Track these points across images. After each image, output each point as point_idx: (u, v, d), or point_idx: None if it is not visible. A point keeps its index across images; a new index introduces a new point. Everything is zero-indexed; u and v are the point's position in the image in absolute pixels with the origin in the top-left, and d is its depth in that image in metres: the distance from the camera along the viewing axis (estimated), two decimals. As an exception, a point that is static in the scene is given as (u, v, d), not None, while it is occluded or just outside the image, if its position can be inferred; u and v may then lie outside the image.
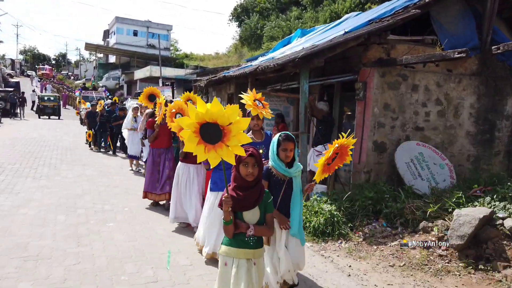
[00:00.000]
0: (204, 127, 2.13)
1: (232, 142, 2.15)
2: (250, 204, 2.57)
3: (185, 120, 2.14)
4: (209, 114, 2.10)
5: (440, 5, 6.58)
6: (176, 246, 4.63)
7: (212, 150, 2.15)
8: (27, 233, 4.74)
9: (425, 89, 6.62)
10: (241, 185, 2.57)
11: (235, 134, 2.14)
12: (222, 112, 2.11)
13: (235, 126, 2.14)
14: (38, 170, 8.91)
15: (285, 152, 3.10)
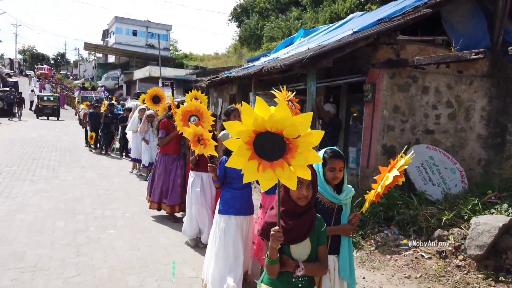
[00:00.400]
0: (261, 138, 1.63)
1: (297, 160, 1.63)
2: (300, 235, 2.03)
3: (236, 126, 1.65)
4: (272, 121, 1.59)
5: (451, 5, 6.39)
6: (181, 255, 4.42)
7: (268, 169, 1.64)
8: (24, 241, 4.53)
9: (435, 91, 6.43)
10: (290, 210, 2.02)
11: (303, 150, 1.62)
12: (291, 120, 1.58)
13: (305, 140, 1.61)
14: (36, 172, 8.69)
15: (333, 173, 2.47)
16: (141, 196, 7.20)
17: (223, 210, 3.64)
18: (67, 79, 58.55)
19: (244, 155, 1.66)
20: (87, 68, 57.46)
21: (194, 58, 43.23)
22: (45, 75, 51.17)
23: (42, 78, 48.83)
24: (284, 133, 1.62)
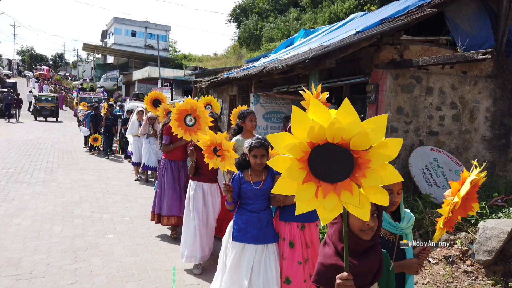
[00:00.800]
0: (319, 152, 1.24)
1: (370, 180, 1.22)
2: (367, 279, 1.58)
3: (284, 138, 1.26)
4: (335, 129, 1.20)
5: (455, 4, 6.29)
6: (181, 261, 4.29)
7: (331, 194, 1.23)
8: (20, 247, 4.41)
9: (439, 92, 6.33)
10: (353, 248, 1.54)
11: (377, 166, 1.21)
12: (361, 126, 1.19)
13: (378, 153, 1.21)
14: (33, 175, 8.57)
15: (390, 196, 1.88)
16: (140, 199, 7.09)
17: (237, 236, 3.05)
18: (65, 79, 58.35)
19: (296, 176, 1.25)
20: (86, 69, 57.28)
21: (193, 58, 43.10)
22: (44, 76, 51.02)
23: (41, 79, 48.67)
24: (351, 144, 1.21)
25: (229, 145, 3.00)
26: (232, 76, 10.34)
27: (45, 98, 25.70)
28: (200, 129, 3.56)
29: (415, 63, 5.55)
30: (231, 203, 3.06)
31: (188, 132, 3.61)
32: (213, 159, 3.04)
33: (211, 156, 3.04)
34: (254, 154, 2.97)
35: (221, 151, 3.00)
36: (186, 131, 3.61)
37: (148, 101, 7.38)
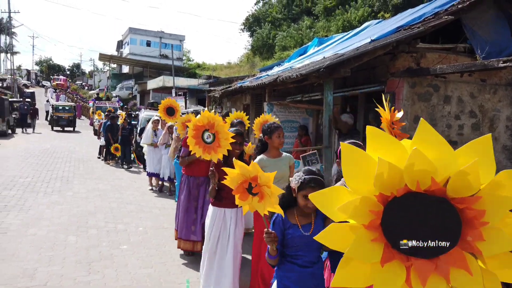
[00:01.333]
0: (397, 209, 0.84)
1: (492, 245, 0.81)
2: None
3: (339, 195, 0.87)
4: (419, 170, 0.85)
5: (473, 11, 6.17)
6: (195, 273, 4.25)
7: (434, 276, 0.79)
8: (35, 257, 4.42)
9: (458, 101, 6.18)
10: None
11: (498, 220, 0.82)
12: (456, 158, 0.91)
13: (495, 198, 0.84)
14: (50, 184, 8.67)
15: None
16: (154, 209, 7.09)
17: None
18: (82, 89, 59.48)
19: (369, 255, 0.81)
20: (102, 79, 58.32)
21: (207, 67, 43.47)
22: (61, 85, 52.07)
23: (58, 88, 49.70)
24: (448, 189, 0.81)
25: (268, 178, 2.12)
26: (246, 85, 10.34)
27: (62, 108, 25.01)
28: (220, 147, 3.16)
29: (433, 71, 5.43)
30: (275, 257, 2.25)
31: (207, 151, 3.17)
32: (247, 200, 2.18)
33: (245, 196, 2.19)
34: (305, 194, 2.19)
35: (258, 187, 2.15)
36: (204, 149, 3.16)
37: (162, 110, 7.17)
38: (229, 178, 2.23)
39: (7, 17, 41.66)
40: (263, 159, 3.60)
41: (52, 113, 25.08)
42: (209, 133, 3.17)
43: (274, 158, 3.55)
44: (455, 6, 6.10)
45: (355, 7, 25.74)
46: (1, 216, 5.94)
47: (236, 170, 2.19)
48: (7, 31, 43.90)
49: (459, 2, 6.13)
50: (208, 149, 3.17)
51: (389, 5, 22.65)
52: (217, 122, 3.17)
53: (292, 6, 34.80)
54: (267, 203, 2.13)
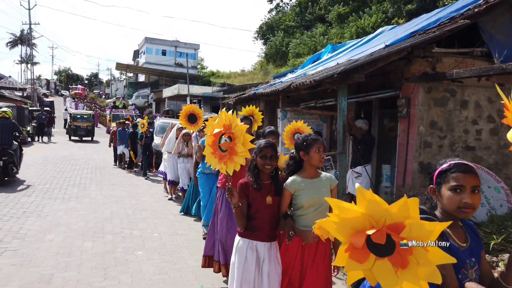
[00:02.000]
0: None
1: None
2: None
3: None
4: None
5: (490, 15, 6.07)
6: (209, 279, 4.24)
7: None
8: (52, 263, 4.49)
9: (475, 105, 6.07)
10: None
11: None
12: None
13: None
14: (67, 191, 8.82)
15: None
16: (169, 215, 7.13)
17: None
18: (99, 98, 60.60)
19: None
20: (119, 87, 59.34)
21: (221, 75, 43.83)
22: (79, 94, 53.15)
23: (76, 97, 50.73)
24: None
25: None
26: (259, 92, 10.37)
27: (80, 116, 23.74)
28: (236, 154, 2.46)
29: (449, 75, 5.35)
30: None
31: (222, 161, 2.53)
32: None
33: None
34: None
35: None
36: (220, 158, 2.53)
37: (183, 117, 6.63)
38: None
39: (27, 29, 42.87)
40: (297, 181, 2.79)
41: (69, 122, 23.80)
42: (225, 137, 2.50)
43: (311, 179, 2.79)
44: (471, 10, 6.02)
45: (368, 14, 25.66)
46: (20, 222, 6.06)
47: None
48: (27, 42, 45.14)
49: (476, 6, 6.04)
50: (223, 158, 2.50)
51: (403, 11, 22.50)
52: (235, 122, 2.49)
53: (305, 14, 34.89)
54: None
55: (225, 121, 2.51)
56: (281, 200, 2.79)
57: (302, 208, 2.76)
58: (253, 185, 2.75)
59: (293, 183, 2.78)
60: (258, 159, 2.75)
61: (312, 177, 2.81)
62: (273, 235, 2.83)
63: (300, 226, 2.77)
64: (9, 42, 58.75)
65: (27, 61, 49.03)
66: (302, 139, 2.85)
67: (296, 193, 2.76)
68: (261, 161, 2.73)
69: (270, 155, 2.76)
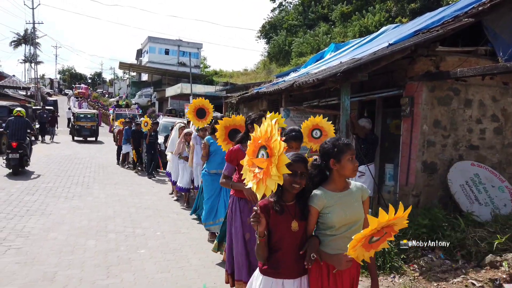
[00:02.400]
0: None
1: None
2: None
3: None
4: None
5: (494, 13, 6.03)
6: (212, 278, 4.25)
7: None
8: (55, 261, 4.50)
9: (479, 104, 6.04)
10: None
11: None
12: None
13: None
14: (71, 189, 8.84)
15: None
16: (171, 213, 7.14)
17: None
18: (103, 97, 60.77)
19: None
20: (122, 86, 59.50)
21: (223, 74, 43.85)
22: (82, 93, 53.29)
23: (80, 97, 50.88)
24: None
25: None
26: (262, 91, 10.36)
27: (84, 116, 22.76)
28: (269, 176, 2.01)
29: (453, 74, 5.32)
30: None
31: (255, 179, 2.09)
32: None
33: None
34: None
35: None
36: (254, 175, 2.10)
37: (192, 111, 6.25)
38: None
39: (31, 28, 43.04)
40: (324, 195, 2.30)
41: (73, 121, 22.92)
42: (265, 151, 2.06)
43: (340, 192, 2.32)
44: (475, 9, 5.99)
45: (372, 13, 25.59)
46: (23, 221, 6.09)
47: None
48: (31, 41, 45.32)
49: (480, 4, 6.01)
50: (257, 176, 2.08)
51: (406, 10, 22.43)
52: (274, 136, 2.02)
53: (308, 13, 34.84)
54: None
55: (266, 129, 2.05)
56: (307, 222, 2.31)
57: (333, 228, 2.27)
58: (274, 208, 2.22)
59: (320, 198, 2.28)
60: (285, 175, 2.12)
61: (342, 190, 2.33)
62: (302, 269, 2.27)
63: (329, 250, 2.27)
64: (13, 41, 59.04)
65: (30, 60, 49.27)
66: (332, 144, 2.34)
67: (325, 211, 2.28)
68: (289, 179, 2.18)
69: (301, 172, 2.22)
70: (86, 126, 22.07)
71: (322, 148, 2.40)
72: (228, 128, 4.45)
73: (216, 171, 5.13)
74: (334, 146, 2.32)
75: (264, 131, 2.06)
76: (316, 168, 2.38)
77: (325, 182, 2.36)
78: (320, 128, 4.65)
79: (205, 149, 5.39)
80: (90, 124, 22.26)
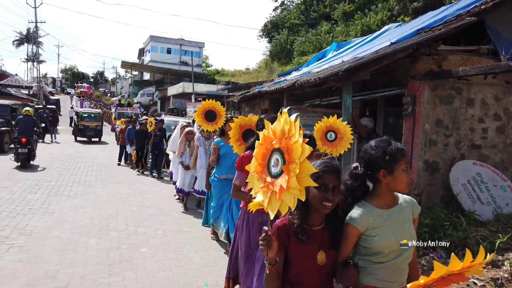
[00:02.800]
0: None
1: None
2: None
3: None
4: None
5: (497, 12, 6.02)
6: (213, 277, 4.26)
7: None
8: (57, 259, 4.52)
9: (481, 103, 6.02)
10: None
11: None
12: None
13: None
14: (73, 188, 8.87)
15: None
16: (174, 212, 7.16)
17: None
18: (105, 96, 60.88)
19: None
20: (124, 85, 59.59)
21: (225, 73, 43.87)
22: (85, 93, 53.35)
23: (82, 96, 50.95)
24: None
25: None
26: (264, 90, 10.36)
27: (88, 115, 21.74)
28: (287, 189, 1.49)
29: (455, 73, 5.31)
30: None
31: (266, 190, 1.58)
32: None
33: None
34: None
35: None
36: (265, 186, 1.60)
37: (200, 114, 5.87)
38: None
39: (33, 27, 43.16)
40: (369, 212, 1.86)
41: (76, 121, 21.98)
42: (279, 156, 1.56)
43: (388, 209, 1.88)
44: (478, 7, 5.97)
45: (374, 11, 25.52)
46: (26, 219, 6.11)
47: None
48: (33, 40, 45.43)
49: (482, 3, 5.99)
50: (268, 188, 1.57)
51: (409, 8, 22.36)
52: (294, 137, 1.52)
53: (310, 12, 34.80)
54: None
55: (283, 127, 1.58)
56: (341, 245, 1.84)
57: (380, 255, 1.83)
58: (297, 233, 1.75)
59: (364, 217, 1.83)
60: (312, 190, 1.73)
61: (390, 206, 1.89)
62: None
63: (374, 280, 1.85)
64: (16, 40, 59.25)
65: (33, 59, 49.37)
66: (382, 151, 1.84)
67: (369, 233, 1.83)
68: (318, 195, 1.72)
69: (333, 186, 1.75)
70: (91, 126, 21.28)
71: (368, 154, 1.91)
72: (243, 128, 4.16)
73: (226, 177, 4.78)
74: (385, 153, 1.83)
75: (280, 130, 1.59)
76: (358, 180, 1.90)
77: (368, 196, 1.91)
78: (335, 130, 4.17)
79: (215, 153, 4.98)
80: (94, 124, 21.47)
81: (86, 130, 21.08)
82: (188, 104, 24.33)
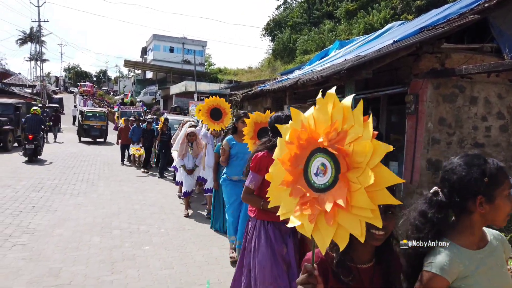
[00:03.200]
0: None
1: None
2: None
3: None
4: None
5: (500, 10, 5.99)
6: (215, 275, 4.27)
7: None
8: (60, 257, 4.54)
9: (485, 102, 6.00)
10: None
11: None
12: None
13: None
14: (76, 186, 8.90)
15: None
16: (176, 211, 7.17)
17: None
18: (108, 95, 60.98)
19: None
20: (127, 84, 59.66)
21: (228, 72, 43.85)
22: (87, 91, 53.43)
23: (85, 94, 51.07)
24: None
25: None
26: (266, 89, 10.37)
27: (93, 114, 20.63)
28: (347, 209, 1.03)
29: (458, 71, 5.29)
30: None
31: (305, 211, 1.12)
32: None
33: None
34: None
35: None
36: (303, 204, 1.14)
37: (205, 112, 5.57)
38: None
39: (37, 26, 43.24)
40: (459, 256, 1.42)
41: (80, 120, 20.88)
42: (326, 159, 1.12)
43: (479, 250, 1.46)
44: (481, 6, 5.94)
45: (377, 10, 25.43)
46: (29, 217, 6.14)
47: None
48: (37, 39, 45.55)
49: (486, 1, 5.96)
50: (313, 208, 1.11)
51: (412, 7, 22.27)
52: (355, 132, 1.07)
53: (312, 10, 34.70)
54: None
55: (331, 116, 1.11)
56: None
57: None
58: (337, 273, 1.34)
59: (453, 263, 1.39)
60: None
61: (479, 245, 1.46)
62: None
63: None
64: (19, 39, 59.34)
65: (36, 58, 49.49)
66: (480, 170, 1.44)
67: (460, 284, 1.40)
68: None
69: (385, 207, 1.30)
70: (96, 126, 20.17)
71: (456, 175, 1.46)
72: (259, 125, 3.89)
73: (239, 178, 4.42)
74: (484, 174, 1.40)
75: (327, 120, 1.12)
76: (442, 210, 1.45)
77: (449, 231, 1.47)
78: None
79: (224, 154, 4.62)
80: (100, 124, 20.38)
81: (91, 130, 20.11)
82: (191, 103, 24.35)
